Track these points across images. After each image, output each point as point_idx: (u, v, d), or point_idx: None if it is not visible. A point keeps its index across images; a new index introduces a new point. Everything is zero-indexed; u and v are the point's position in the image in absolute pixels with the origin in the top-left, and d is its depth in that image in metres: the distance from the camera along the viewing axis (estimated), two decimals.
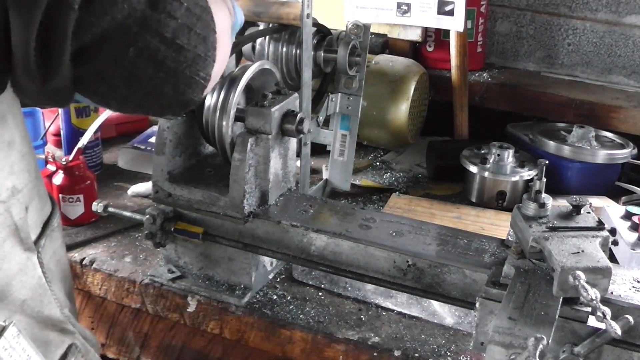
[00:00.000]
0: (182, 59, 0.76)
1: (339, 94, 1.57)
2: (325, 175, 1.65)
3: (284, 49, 1.51)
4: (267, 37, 1.51)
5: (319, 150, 1.66)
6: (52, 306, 0.96)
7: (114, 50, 0.72)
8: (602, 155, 1.63)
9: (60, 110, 1.70)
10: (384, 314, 1.22)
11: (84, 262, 1.35)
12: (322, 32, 1.55)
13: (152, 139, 1.72)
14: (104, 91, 0.77)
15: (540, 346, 0.81)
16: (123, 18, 0.71)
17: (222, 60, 0.86)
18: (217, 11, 0.82)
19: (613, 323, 0.84)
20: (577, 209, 1.03)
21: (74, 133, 1.66)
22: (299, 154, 1.39)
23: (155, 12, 0.72)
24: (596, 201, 1.55)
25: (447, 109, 1.90)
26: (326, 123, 1.58)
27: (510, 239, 1.11)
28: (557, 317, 0.91)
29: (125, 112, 0.86)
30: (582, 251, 0.94)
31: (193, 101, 0.82)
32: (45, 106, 1.16)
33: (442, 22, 1.57)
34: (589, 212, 1.04)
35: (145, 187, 1.60)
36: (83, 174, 1.46)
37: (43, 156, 1.49)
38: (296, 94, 1.26)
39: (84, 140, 1.54)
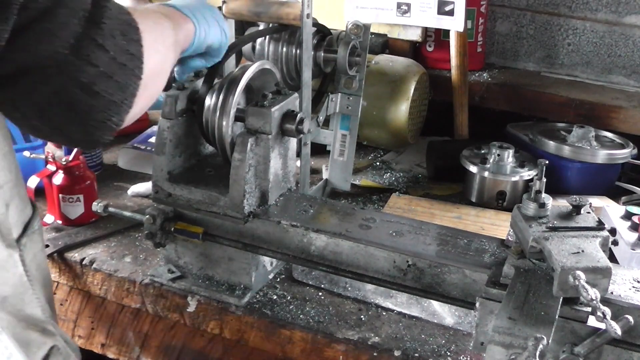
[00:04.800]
0: (96, 104, 0.78)
1: (339, 94, 1.56)
2: (325, 175, 1.65)
3: (284, 49, 1.51)
4: (267, 37, 1.51)
5: (319, 150, 1.66)
6: (33, 305, 0.96)
7: (29, 85, 0.75)
8: (602, 155, 1.63)
9: None
10: (384, 314, 1.22)
11: (84, 262, 1.35)
12: (322, 32, 1.55)
13: (152, 139, 1.72)
14: (18, 117, 0.80)
15: (540, 346, 0.81)
16: (43, 58, 0.73)
17: (147, 100, 0.88)
18: (152, 53, 0.84)
19: (613, 323, 0.84)
20: (577, 209, 1.03)
21: None
22: (299, 154, 1.39)
23: (76, 58, 0.75)
24: (596, 201, 1.55)
25: (447, 109, 1.90)
26: (326, 123, 1.58)
27: (510, 239, 1.11)
28: (557, 317, 0.91)
29: (39, 138, 0.88)
30: (582, 251, 0.94)
31: (101, 142, 0.84)
32: None
33: (442, 22, 1.57)
34: (589, 212, 1.04)
35: (145, 187, 1.60)
36: (83, 174, 1.46)
37: (43, 156, 1.49)
38: (296, 94, 1.26)
39: None
